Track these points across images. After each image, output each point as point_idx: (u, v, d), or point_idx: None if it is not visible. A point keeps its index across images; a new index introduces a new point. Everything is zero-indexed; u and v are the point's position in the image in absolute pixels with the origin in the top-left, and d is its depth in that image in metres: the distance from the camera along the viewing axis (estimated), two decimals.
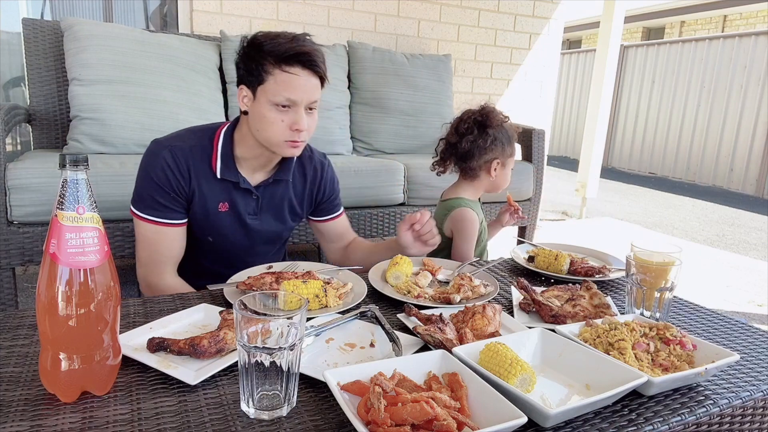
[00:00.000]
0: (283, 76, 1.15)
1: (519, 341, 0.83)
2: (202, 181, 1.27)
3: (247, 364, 0.65)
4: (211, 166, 1.27)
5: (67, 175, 0.65)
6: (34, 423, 0.63)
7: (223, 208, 1.31)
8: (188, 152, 1.25)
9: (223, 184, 1.29)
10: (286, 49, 1.14)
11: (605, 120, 4.43)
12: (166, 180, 1.23)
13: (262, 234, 1.40)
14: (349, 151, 2.82)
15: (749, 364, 0.89)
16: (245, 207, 1.33)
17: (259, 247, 1.43)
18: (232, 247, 1.38)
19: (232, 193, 1.30)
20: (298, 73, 1.16)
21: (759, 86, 6.94)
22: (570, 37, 13.79)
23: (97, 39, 2.15)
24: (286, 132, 1.19)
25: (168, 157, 1.23)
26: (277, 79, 1.15)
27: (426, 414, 0.60)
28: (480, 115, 1.58)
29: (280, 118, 1.18)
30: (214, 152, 1.27)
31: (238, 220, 1.33)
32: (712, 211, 5.66)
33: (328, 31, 3.21)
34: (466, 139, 1.57)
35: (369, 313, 0.97)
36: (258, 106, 1.19)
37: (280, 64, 1.15)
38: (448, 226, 1.61)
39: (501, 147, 1.59)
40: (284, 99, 1.16)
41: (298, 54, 1.15)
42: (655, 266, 0.99)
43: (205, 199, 1.28)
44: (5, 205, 1.71)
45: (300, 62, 1.16)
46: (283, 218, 1.42)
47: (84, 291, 0.66)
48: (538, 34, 3.99)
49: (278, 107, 1.17)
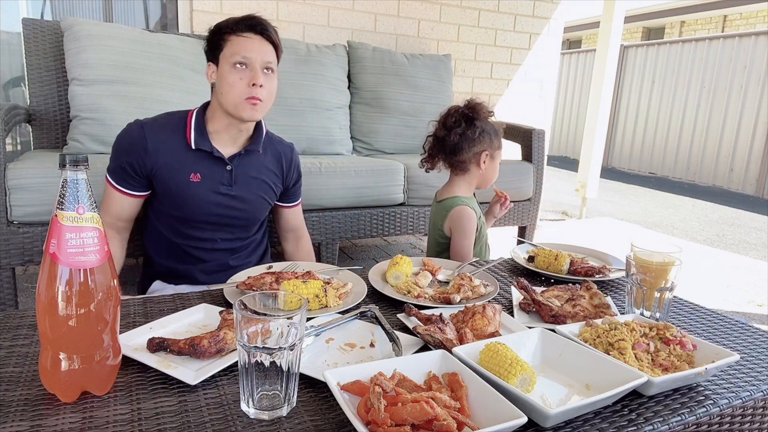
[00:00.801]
0: (238, 38, 1.33)
1: (519, 341, 0.83)
2: (173, 153, 1.37)
3: (247, 364, 0.65)
4: (185, 138, 1.38)
5: (67, 175, 0.65)
6: (34, 423, 0.63)
7: (195, 178, 1.39)
8: (159, 128, 1.38)
9: (197, 155, 1.38)
10: (239, 20, 1.34)
11: (605, 120, 4.43)
12: (125, 152, 1.36)
13: (241, 204, 1.46)
14: (349, 151, 2.82)
15: (749, 364, 0.89)
16: (219, 177, 1.41)
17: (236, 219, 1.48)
18: (208, 218, 1.44)
19: (204, 164, 1.39)
20: (250, 37, 1.33)
21: (759, 86, 6.93)
22: (570, 37, 13.79)
23: (97, 39, 2.15)
24: (245, 89, 1.32)
25: (136, 129, 1.37)
26: (233, 42, 1.33)
27: (426, 414, 0.60)
28: (467, 109, 1.62)
29: (238, 76, 1.32)
30: (188, 127, 1.39)
31: (210, 190, 1.40)
32: (712, 211, 5.66)
33: (328, 31, 3.21)
34: (455, 132, 1.59)
35: (369, 313, 0.97)
36: (221, 72, 1.34)
37: (235, 31, 1.33)
38: (448, 225, 1.61)
39: (489, 139, 1.62)
40: (240, 57, 1.31)
41: (250, 22, 1.34)
42: (655, 266, 0.99)
43: (175, 171, 1.37)
44: (5, 205, 1.71)
45: (251, 28, 1.34)
46: (257, 191, 1.49)
47: (84, 291, 0.66)
48: (538, 34, 3.99)
49: (236, 67, 1.32)
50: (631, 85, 8.74)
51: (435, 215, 1.69)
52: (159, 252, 1.50)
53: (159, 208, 1.44)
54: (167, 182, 1.38)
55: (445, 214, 1.62)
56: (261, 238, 1.63)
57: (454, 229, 1.60)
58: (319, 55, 2.75)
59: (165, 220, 1.45)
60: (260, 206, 1.52)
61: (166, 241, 1.47)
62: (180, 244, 1.46)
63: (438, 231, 1.65)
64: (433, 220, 1.71)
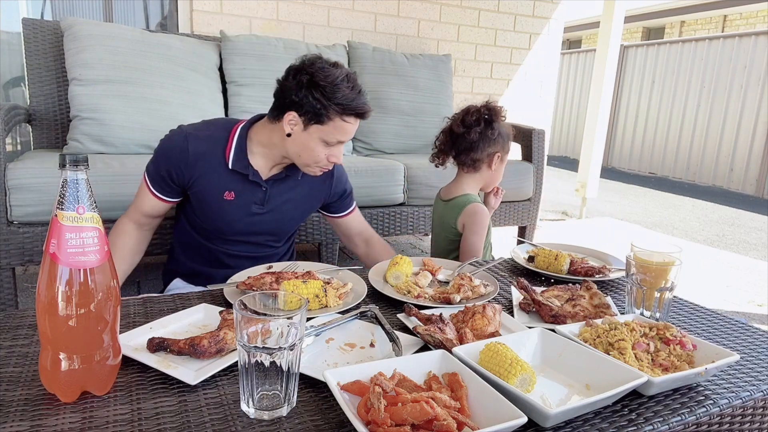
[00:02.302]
0: (342, 124, 1.29)
1: (519, 341, 0.83)
2: (211, 169, 1.35)
3: (247, 364, 0.65)
4: (225, 156, 1.36)
5: (67, 175, 0.65)
6: (34, 423, 0.63)
7: (229, 196, 1.38)
8: (203, 141, 1.35)
9: (233, 175, 1.37)
10: (354, 107, 1.28)
11: (605, 120, 4.43)
12: (165, 159, 1.34)
13: (267, 224, 1.46)
14: (349, 151, 2.82)
15: (749, 364, 0.89)
16: (252, 197, 1.40)
17: (265, 236, 1.49)
18: (238, 234, 1.44)
19: (240, 184, 1.38)
20: (353, 123, 1.31)
21: (759, 86, 6.93)
22: (570, 37, 13.79)
23: (97, 39, 2.15)
24: (323, 161, 1.34)
25: (181, 140, 1.34)
26: (336, 125, 1.29)
27: (426, 414, 0.60)
28: (486, 110, 1.63)
29: (324, 151, 1.32)
30: (229, 144, 1.36)
31: (243, 209, 1.40)
32: (712, 211, 5.66)
33: (328, 31, 3.21)
34: (474, 130, 1.60)
35: (369, 313, 0.97)
36: (306, 137, 1.30)
37: (344, 116, 1.28)
38: (461, 221, 1.63)
39: (503, 141, 1.65)
40: (336, 141, 1.31)
41: (362, 111, 1.30)
42: (655, 266, 0.99)
43: (210, 186, 1.36)
44: (5, 205, 1.71)
45: (359, 116, 1.31)
46: (289, 210, 1.48)
47: (84, 291, 0.66)
48: (538, 34, 3.99)
49: (327, 144, 1.31)
50: (631, 85, 8.73)
51: (444, 214, 1.69)
52: (186, 250, 1.51)
53: (191, 214, 1.45)
54: (202, 196, 1.37)
55: (458, 211, 1.63)
56: (288, 248, 1.63)
57: (467, 226, 1.61)
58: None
59: (195, 225, 1.46)
60: (290, 224, 1.53)
61: (195, 242, 1.48)
62: (207, 247, 1.47)
63: (451, 229, 1.66)
64: (441, 219, 1.71)
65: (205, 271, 1.48)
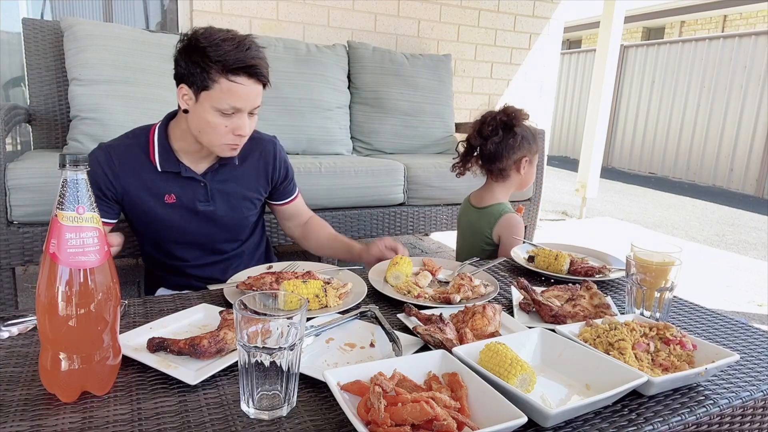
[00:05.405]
0: (229, 85, 1.16)
1: (519, 341, 0.83)
2: (140, 177, 1.28)
3: (247, 364, 0.65)
4: (151, 161, 1.28)
5: (67, 175, 0.65)
6: (34, 423, 0.63)
7: (170, 199, 1.31)
8: (123, 150, 1.28)
9: (166, 176, 1.29)
10: (233, 60, 1.14)
11: (605, 120, 4.43)
12: (94, 179, 1.24)
13: (223, 220, 1.38)
14: (349, 151, 2.82)
15: (749, 364, 0.89)
16: (194, 195, 1.33)
17: (223, 234, 1.41)
18: (194, 238, 1.38)
19: (176, 184, 1.31)
20: (243, 83, 1.17)
21: (759, 86, 6.93)
22: (570, 37, 13.79)
23: (97, 39, 2.15)
24: (228, 136, 1.22)
25: (100, 155, 1.27)
26: (223, 87, 1.16)
27: (426, 414, 0.60)
28: (504, 116, 1.60)
29: (223, 123, 1.19)
30: (151, 147, 1.29)
31: (187, 209, 1.33)
32: (712, 211, 5.66)
33: (328, 31, 3.21)
34: (491, 141, 1.58)
35: (369, 313, 0.97)
36: (200, 109, 1.19)
37: (227, 73, 1.15)
38: (497, 232, 1.62)
39: (528, 144, 1.62)
40: (229, 107, 1.17)
41: (243, 64, 1.15)
42: (655, 266, 0.99)
43: (148, 193, 1.29)
44: (5, 205, 1.71)
45: (246, 73, 1.16)
46: (239, 201, 1.40)
47: (84, 291, 0.66)
48: (538, 34, 3.99)
49: (221, 113, 1.18)
50: (631, 85, 8.73)
51: (477, 222, 1.67)
52: (157, 267, 1.45)
53: (142, 234, 1.39)
54: (141, 206, 1.30)
55: (494, 221, 1.63)
56: (258, 241, 1.56)
57: (506, 237, 1.60)
58: (319, 55, 2.75)
59: (153, 243, 1.39)
60: (243, 220, 1.43)
61: (161, 263, 1.42)
62: (173, 266, 1.41)
63: (485, 238, 1.65)
64: (473, 226, 1.69)
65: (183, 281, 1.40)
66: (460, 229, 1.80)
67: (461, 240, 1.79)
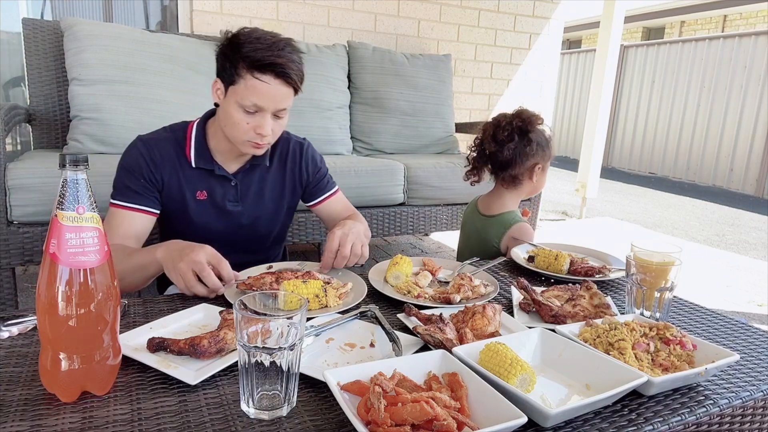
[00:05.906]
0: (254, 82, 1.16)
1: (519, 341, 0.83)
2: (177, 171, 1.29)
3: (247, 364, 0.65)
4: (186, 156, 1.30)
5: (67, 175, 0.65)
6: (34, 423, 0.63)
7: (201, 196, 1.32)
8: (162, 143, 1.29)
9: (199, 173, 1.31)
10: (260, 57, 1.14)
11: (605, 120, 4.43)
12: (138, 167, 1.26)
13: (250, 222, 1.38)
14: (349, 151, 2.82)
15: (749, 364, 0.89)
16: (224, 194, 1.34)
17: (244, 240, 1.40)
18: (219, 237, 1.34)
19: (208, 181, 1.32)
20: (268, 82, 1.16)
21: (759, 86, 6.94)
22: (570, 37, 13.79)
23: (97, 39, 2.15)
24: (249, 133, 1.21)
25: (141, 146, 1.27)
26: (248, 84, 1.16)
27: (426, 414, 0.60)
28: (519, 121, 1.54)
29: (245, 120, 1.20)
30: (187, 143, 1.30)
31: (217, 207, 1.34)
32: (712, 211, 5.66)
33: (328, 31, 3.21)
34: (507, 147, 1.52)
35: (369, 313, 0.97)
36: (226, 103, 1.21)
37: (253, 70, 1.15)
38: (506, 242, 1.58)
39: (542, 150, 1.56)
40: (251, 104, 1.18)
41: (271, 61, 1.15)
42: (655, 266, 0.99)
43: (182, 188, 1.30)
44: (5, 205, 1.71)
45: (273, 71, 1.16)
46: (268, 203, 1.40)
47: (84, 291, 0.66)
48: (538, 34, 3.99)
49: (244, 109, 1.19)
50: (631, 85, 8.74)
51: (484, 229, 1.63)
52: None
53: (167, 228, 1.39)
54: (173, 199, 1.30)
55: (503, 231, 1.57)
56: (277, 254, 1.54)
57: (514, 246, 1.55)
58: (319, 55, 2.75)
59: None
60: (272, 220, 1.44)
61: None
62: None
63: (492, 247, 1.60)
64: (479, 233, 1.65)
65: None
66: (464, 233, 1.76)
67: (464, 244, 1.75)
